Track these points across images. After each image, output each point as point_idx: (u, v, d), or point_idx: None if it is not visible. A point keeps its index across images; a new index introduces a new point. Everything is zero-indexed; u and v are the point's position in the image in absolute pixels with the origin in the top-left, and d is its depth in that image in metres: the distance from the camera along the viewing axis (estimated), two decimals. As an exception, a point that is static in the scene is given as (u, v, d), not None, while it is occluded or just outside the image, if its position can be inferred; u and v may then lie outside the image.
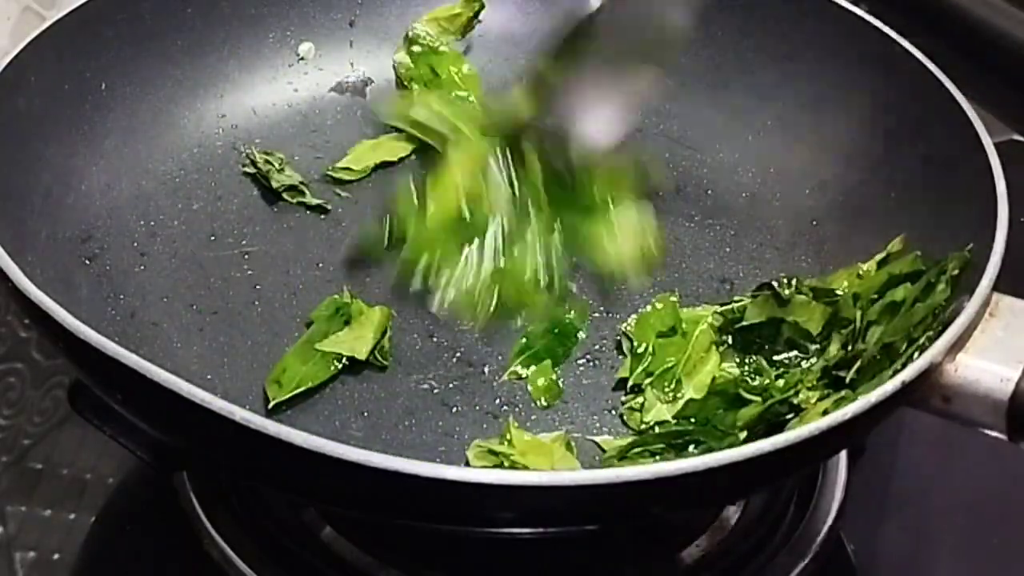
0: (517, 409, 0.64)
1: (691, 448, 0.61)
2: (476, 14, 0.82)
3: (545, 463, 0.61)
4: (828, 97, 0.75)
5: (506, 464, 0.60)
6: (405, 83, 0.81)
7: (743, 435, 0.61)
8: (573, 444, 0.62)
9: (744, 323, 0.66)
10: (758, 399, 0.63)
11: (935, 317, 0.58)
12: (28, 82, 0.66)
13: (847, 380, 0.60)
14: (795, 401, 0.61)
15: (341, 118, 0.80)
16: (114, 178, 0.71)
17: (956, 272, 0.59)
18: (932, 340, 0.54)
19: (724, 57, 0.79)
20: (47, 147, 0.67)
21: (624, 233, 0.64)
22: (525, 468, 0.60)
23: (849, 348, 0.62)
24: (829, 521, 0.65)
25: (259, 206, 0.74)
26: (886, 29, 0.72)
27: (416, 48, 0.81)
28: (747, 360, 0.66)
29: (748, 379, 0.65)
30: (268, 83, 0.79)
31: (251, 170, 0.75)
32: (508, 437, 0.62)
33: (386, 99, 0.80)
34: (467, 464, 0.61)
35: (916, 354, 0.55)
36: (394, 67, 0.82)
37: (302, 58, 0.81)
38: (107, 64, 0.71)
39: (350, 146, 0.78)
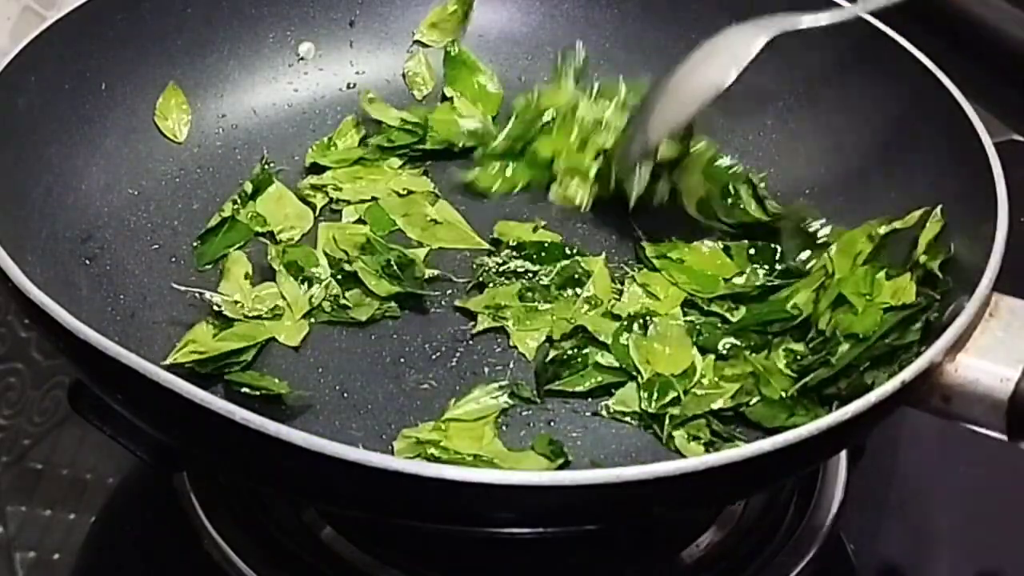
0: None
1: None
2: (470, 5, 0.82)
3: (472, 446, 0.60)
4: (828, 97, 0.75)
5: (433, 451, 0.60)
6: (413, 91, 0.82)
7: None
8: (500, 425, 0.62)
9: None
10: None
11: (897, 354, 0.59)
12: (28, 82, 0.66)
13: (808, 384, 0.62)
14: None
15: (341, 118, 0.80)
16: (114, 178, 0.71)
17: (935, 315, 0.60)
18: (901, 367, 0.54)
19: (724, 57, 0.79)
20: (47, 147, 0.67)
21: None
22: (451, 452, 0.60)
23: (816, 353, 0.63)
24: (829, 521, 0.65)
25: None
26: (886, 29, 0.72)
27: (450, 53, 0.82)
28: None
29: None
30: (268, 83, 0.79)
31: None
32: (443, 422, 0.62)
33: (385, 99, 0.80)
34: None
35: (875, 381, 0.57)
36: (404, 75, 0.82)
37: (302, 58, 0.81)
38: (107, 64, 0.72)
39: (349, 147, 0.78)
